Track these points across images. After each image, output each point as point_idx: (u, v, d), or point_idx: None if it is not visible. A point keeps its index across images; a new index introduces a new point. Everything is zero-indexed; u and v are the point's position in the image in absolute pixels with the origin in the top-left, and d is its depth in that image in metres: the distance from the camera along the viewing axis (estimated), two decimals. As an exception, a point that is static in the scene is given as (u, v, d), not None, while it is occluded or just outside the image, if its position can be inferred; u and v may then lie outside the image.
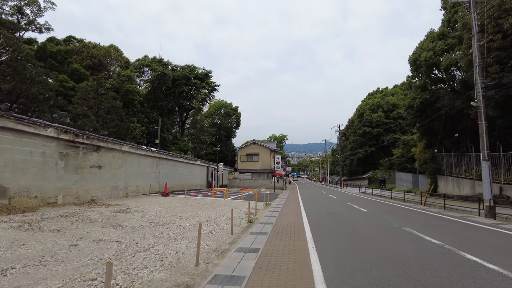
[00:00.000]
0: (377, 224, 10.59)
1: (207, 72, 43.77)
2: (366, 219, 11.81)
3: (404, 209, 16.10)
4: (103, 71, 32.27)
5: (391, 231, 9.05)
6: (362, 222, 10.96)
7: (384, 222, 11.06)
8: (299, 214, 13.38)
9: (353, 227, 9.75)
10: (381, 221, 11.35)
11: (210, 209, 13.91)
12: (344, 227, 9.88)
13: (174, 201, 16.71)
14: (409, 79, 24.60)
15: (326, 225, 10.26)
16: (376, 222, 10.96)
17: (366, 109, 55.23)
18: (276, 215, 12.93)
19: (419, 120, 24.14)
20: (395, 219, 11.78)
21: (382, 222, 10.94)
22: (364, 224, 10.46)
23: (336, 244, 7.18)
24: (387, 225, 10.29)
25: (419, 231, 8.80)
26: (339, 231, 9.09)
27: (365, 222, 11.12)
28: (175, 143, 38.11)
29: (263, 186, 45.56)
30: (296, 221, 11.14)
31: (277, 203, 19.00)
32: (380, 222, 11.08)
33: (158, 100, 37.70)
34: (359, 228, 9.67)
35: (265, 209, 15.43)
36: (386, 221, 11.32)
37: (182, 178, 27.57)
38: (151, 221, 9.87)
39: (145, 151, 20.84)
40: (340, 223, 10.72)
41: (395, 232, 8.80)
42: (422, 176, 29.45)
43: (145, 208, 13.14)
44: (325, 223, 10.85)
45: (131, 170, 19.28)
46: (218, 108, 56.14)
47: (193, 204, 15.80)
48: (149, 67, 35.91)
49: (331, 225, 10.39)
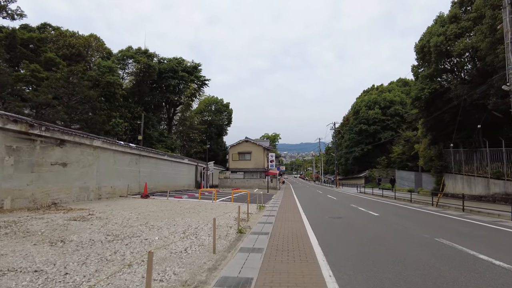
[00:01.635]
0: (400, 233, 8.43)
1: (196, 64, 41.24)
2: (382, 227, 9.65)
3: (418, 212, 14.04)
4: (82, 62, 29.57)
5: (425, 245, 6.90)
6: (381, 231, 8.79)
7: (407, 230, 8.92)
8: (299, 219, 11.19)
9: (374, 240, 7.57)
10: (402, 228, 9.22)
11: (193, 215, 11.61)
12: (361, 238, 7.70)
13: (152, 204, 14.35)
14: (415, 68, 22.64)
15: (337, 236, 8.07)
16: (398, 231, 8.81)
17: (362, 106, 53.44)
18: (272, 221, 10.73)
19: (425, 114, 22.20)
20: (417, 226, 9.66)
21: (405, 231, 8.79)
22: (385, 235, 8.29)
23: (365, 271, 4.97)
24: (413, 235, 8.15)
25: (462, 245, 6.68)
26: (358, 245, 6.90)
27: (384, 231, 8.95)
28: (161, 140, 35.54)
29: (256, 186, 43.32)
30: (297, 230, 8.94)
31: (272, 205, 16.80)
32: (402, 230, 8.94)
33: (143, 94, 35.07)
34: (381, 240, 7.50)
35: (258, 213, 13.20)
36: (408, 228, 9.18)
37: (167, 178, 25.15)
38: (110, 233, 7.54)
39: (122, 147, 18.41)
40: (353, 232, 8.53)
41: (433, 247, 6.65)
42: (426, 174, 27.57)
43: (113, 214, 10.78)
44: (334, 232, 8.66)
45: (105, 169, 16.85)
46: (208, 105, 53.61)
47: (173, 208, 13.47)
48: (133, 59, 33.29)
49: (342, 235, 8.20)
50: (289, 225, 9.94)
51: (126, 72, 35.76)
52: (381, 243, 7.11)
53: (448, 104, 19.32)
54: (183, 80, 38.49)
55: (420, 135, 26.99)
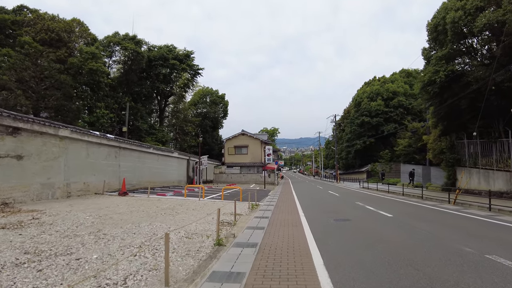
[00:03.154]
0: (433, 246, 6.32)
1: (188, 52, 38.72)
2: (403, 234, 7.55)
3: (437, 212, 11.97)
4: (63, 48, 27.23)
5: (480, 267, 4.79)
6: (405, 242, 6.68)
7: (439, 240, 6.82)
8: (297, 223, 9.10)
9: (400, 257, 5.45)
10: (430, 236, 7.12)
11: (167, 217, 9.51)
12: (383, 254, 5.58)
13: (125, 204, 12.24)
14: (426, 51, 20.43)
15: (349, 250, 5.95)
16: (427, 241, 6.70)
17: (364, 97, 51.19)
18: (264, 225, 8.64)
19: (437, 101, 20.02)
20: (448, 233, 7.57)
21: (436, 241, 6.69)
22: (413, 248, 6.18)
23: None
24: (451, 248, 6.04)
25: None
26: (381, 266, 4.79)
27: (411, 242, 6.84)
28: (151, 133, 33.31)
29: (252, 181, 41.26)
30: (295, 239, 6.86)
31: (267, 204, 14.72)
32: (432, 239, 6.84)
33: (131, 84, 32.72)
34: (411, 257, 5.38)
35: (250, 214, 11.11)
36: (439, 237, 7.08)
37: (153, 173, 23.00)
38: (34, 248, 5.44)
39: (97, 138, 16.23)
40: (369, 244, 6.41)
41: (496, 272, 4.55)
42: (436, 168, 25.50)
43: (66, 217, 8.67)
44: (343, 243, 6.54)
45: (76, 162, 14.70)
46: (203, 96, 51.15)
47: (148, 208, 11.36)
48: (120, 45, 30.91)
49: (355, 248, 6.08)
50: (285, 231, 7.85)
51: (113, 60, 33.40)
52: (413, 263, 5.00)
53: (465, 89, 17.16)
54: (174, 68, 36.07)
55: (431, 125, 24.84)
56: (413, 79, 54.27)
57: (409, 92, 49.52)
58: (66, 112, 20.20)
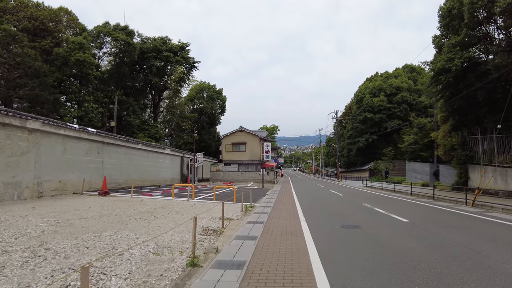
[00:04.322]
0: (480, 269, 4.75)
1: (183, 44, 36.88)
2: (432, 248, 5.97)
3: (457, 216, 10.41)
4: (48, 37, 25.60)
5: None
6: (439, 262, 5.11)
7: (483, 258, 5.25)
8: (297, 231, 7.54)
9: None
10: (468, 252, 5.55)
11: (141, 223, 7.94)
12: (416, 284, 4.01)
13: (99, 206, 10.66)
14: (437, 39, 18.83)
15: (369, 279, 4.37)
16: (466, 259, 5.14)
17: (366, 93, 49.57)
18: (256, 235, 7.09)
19: (449, 93, 18.41)
20: (488, 247, 6.00)
21: (480, 260, 5.12)
22: (455, 273, 4.60)
23: None
24: (509, 274, 4.48)
25: None
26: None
27: (445, 261, 5.27)
28: (144, 129, 31.69)
29: (251, 179, 39.71)
30: (293, 257, 5.29)
31: (264, 205, 13.16)
32: (473, 257, 5.27)
33: (123, 77, 31.08)
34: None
35: (242, 218, 9.57)
36: (484, 256, 5.51)
37: (143, 171, 21.41)
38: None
39: (76, 132, 14.64)
40: (392, 265, 4.84)
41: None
42: (445, 166, 23.94)
43: (12, 224, 7.10)
44: (359, 266, 4.96)
45: (49, 159, 13.14)
46: (200, 91, 49.38)
47: (123, 211, 9.79)
48: (110, 36, 29.22)
49: (375, 272, 4.50)
50: (282, 243, 6.29)
51: (104, 52, 31.69)
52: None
53: (482, 78, 15.55)
54: (168, 61, 34.33)
55: (439, 120, 23.24)
56: (417, 74, 52.67)
57: (413, 88, 47.95)
58: (42, 104, 18.58)
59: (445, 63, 16.09)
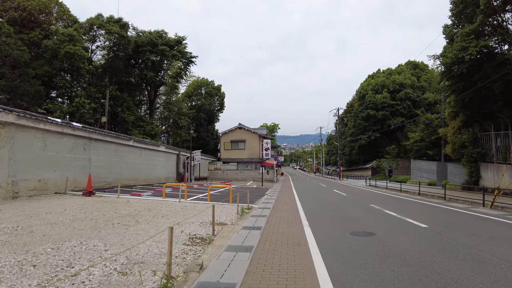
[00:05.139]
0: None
1: (179, 38, 35.57)
2: (472, 267, 4.81)
3: (480, 220, 9.26)
4: (37, 29, 24.39)
5: None
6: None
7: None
8: (300, 241, 6.37)
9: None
10: None
11: (117, 230, 6.78)
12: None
13: (76, 208, 9.50)
14: (448, 29, 17.65)
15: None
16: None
17: (369, 89, 48.34)
18: (252, 245, 5.95)
19: (460, 86, 17.19)
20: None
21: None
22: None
23: None
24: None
25: None
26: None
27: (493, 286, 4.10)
28: (139, 125, 30.51)
29: (250, 178, 38.56)
30: (297, 277, 4.12)
31: (263, 207, 12.00)
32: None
33: (117, 71, 29.88)
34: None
35: (237, 223, 8.41)
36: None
37: (135, 169, 20.22)
38: None
39: (58, 127, 13.46)
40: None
41: None
42: (454, 164, 22.77)
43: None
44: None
45: (27, 155, 11.98)
46: (198, 87, 48.07)
47: (102, 214, 8.63)
48: (103, 29, 27.96)
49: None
50: (282, 257, 5.13)
51: (97, 46, 30.47)
52: None
53: (500, 69, 14.36)
54: (164, 55, 33.08)
55: (447, 116, 22.05)
56: (420, 71, 51.49)
57: (417, 85, 46.76)
58: (21, 96, 17.39)
59: (458, 52, 14.87)
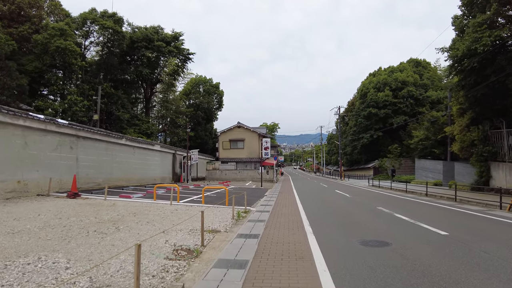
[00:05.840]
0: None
1: (176, 34, 34.48)
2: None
3: (503, 225, 8.32)
4: (27, 23, 23.41)
5: None
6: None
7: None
8: (303, 253, 5.41)
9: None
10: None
11: (90, 241, 5.82)
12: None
13: (52, 213, 8.54)
14: (458, 20, 16.70)
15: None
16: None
17: (370, 87, 47.38)
18: (247, 258, 5.01)
19: (471, 81, 16.23)
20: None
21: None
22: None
23: None
24: None
25: None
26: None
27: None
28: (134, 123, 29.54)
29: (249, 178, 37.60)
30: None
31: (261, 210, 11.05)
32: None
33: (111, 68, 28.90)
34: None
35: (232, 230, 7.45)
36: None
37: (128, 169, 19.25)
38: None
39: (40, 123, 12.49)
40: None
41: None
42: (461, 164, 21.84)
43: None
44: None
45: (4, 154, 11.06)
46: (196, 85, 46.98)
47: (80, 220, 7.67)
48: (97, 23, 26.93)
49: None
50: (283, 277, 4.18)
51: (91, 42, 29.47)
52: None
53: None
54: (160, 51, 32.07)
55: (455, 114, 21.10)
56: (422, 69, 50.53)
57: (419, 82, 45.81)
58: (1, 90, 16.41)
59: (470, 44, 13.91)
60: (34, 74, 23.58)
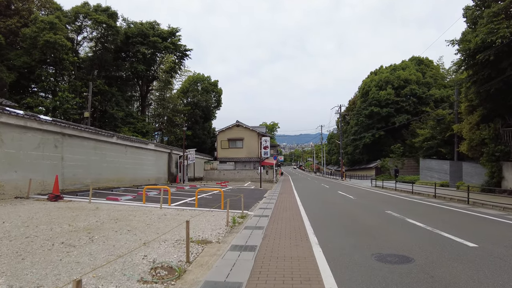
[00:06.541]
0: None
1: (172, 29, 33.38)
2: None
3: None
4: (15, 16, 22.40)
5: None
6: None
7: None
8: (309, 271, 4.41)
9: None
10: None
11: (54, 255, 4.81)
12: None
13: (24, 218, 7.56)
14: (470, 10, 15.72)
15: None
16: None
17: (372, 86, 46.40)
18: (241, 280, 3.99)
19: (485, 75, 15.23)
20: None
21: None
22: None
23: None
24: None
25: None
26: None
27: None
28: (129, 122, 28.52)
29: (248, 178, 36.62)
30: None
31: (260, 214, 10.07)
32: None
33: (105, 64, 27.89)
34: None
35: (225, 239, 6.45)
36: None
37: (119, 169, 18.25)
38: None
39: (20, 120, 11.49)
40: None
41: None
42: (470, 164, 20.86)
43: None
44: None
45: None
46: (193, 83, 45.90)
47: (49, 229, 6.68)
48: (89, 17, 25.89)
49: None
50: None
51: (83, 37, 28.44)
52: None
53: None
54: (156, 47, 31.03)
55: (463, 111, 20.13)
56: (425, 67, 49.53)
57: (422, 81, 44.83)
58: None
59: (485, 36, 12.93)
60: (23, 70, 22.57)
